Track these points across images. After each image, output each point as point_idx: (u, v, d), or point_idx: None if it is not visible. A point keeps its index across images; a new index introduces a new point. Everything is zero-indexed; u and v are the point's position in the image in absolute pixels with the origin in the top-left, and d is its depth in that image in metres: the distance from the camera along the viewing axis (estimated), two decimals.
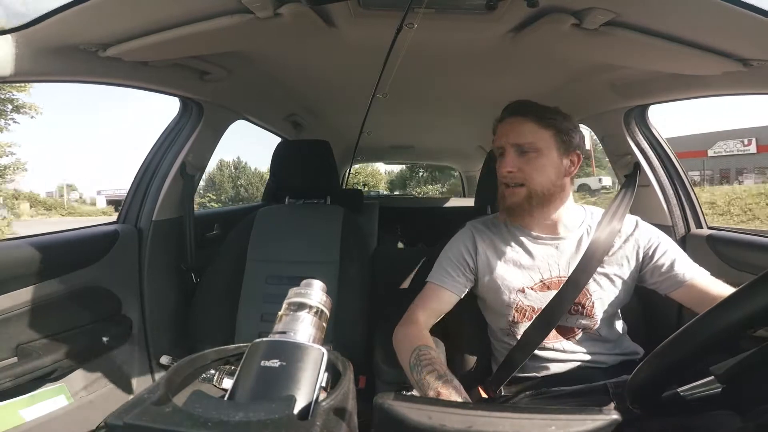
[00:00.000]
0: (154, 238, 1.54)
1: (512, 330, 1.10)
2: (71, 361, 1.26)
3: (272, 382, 0.39)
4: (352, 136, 2.84)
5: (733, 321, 0.44)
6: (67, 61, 1.08)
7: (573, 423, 0.37)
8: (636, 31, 1.02)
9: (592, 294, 1.06)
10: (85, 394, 1.31)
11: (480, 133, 3.05)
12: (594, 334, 1.08)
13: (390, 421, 0.39)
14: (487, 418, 0.38)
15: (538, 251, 1.10)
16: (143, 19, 1.02)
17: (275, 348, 0.42)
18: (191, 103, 1.65)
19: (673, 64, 1.17)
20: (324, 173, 1.69)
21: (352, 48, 1.39)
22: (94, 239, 1.39)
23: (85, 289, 1.34)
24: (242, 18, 1.03)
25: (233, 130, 1.99)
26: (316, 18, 1.11)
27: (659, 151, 1.62)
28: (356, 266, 1.52)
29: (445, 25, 1.17)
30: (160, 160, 1.63)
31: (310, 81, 1.87)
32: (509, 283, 1.09)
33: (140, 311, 1.50)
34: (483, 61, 1.51)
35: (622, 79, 1.45)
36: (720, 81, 1.18)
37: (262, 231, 1.60)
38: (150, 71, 1.29)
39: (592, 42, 1.10)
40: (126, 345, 1.46)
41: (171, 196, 1.61)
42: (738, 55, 1.03)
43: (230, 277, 1.51)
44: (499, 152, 1.09)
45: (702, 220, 1.54)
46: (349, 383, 0.43)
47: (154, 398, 0.38)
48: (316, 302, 0.47)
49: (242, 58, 1.51)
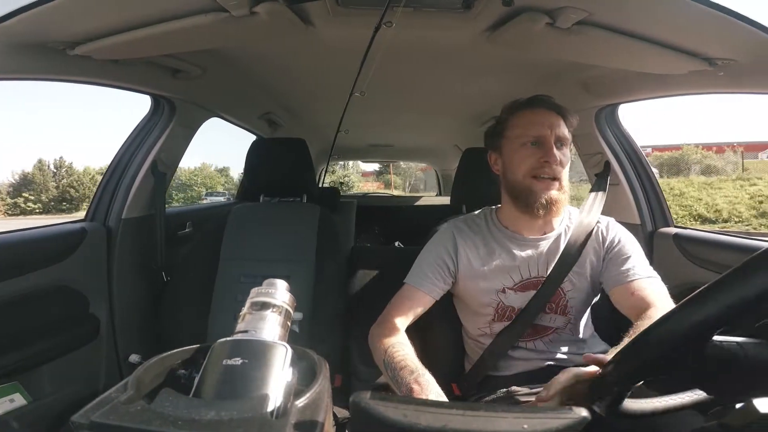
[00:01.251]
0: (123, 236, 1.51)
1: (490, 330, 1.11)
2: (34, 359, 1.22)
3: (235, 380, 0.39)
4: (330, 135, 2.83)
5: (692, 324, 0.45)
6: (33, 59, 1.05)
7: (544, 421, 0.38)
8: (607, 30, 1.05)
9: (566, 293, 1.08)
10: (49, 393, 1.27)
11: (456, 132, 3.09)
12: (566, 334, 1.10)
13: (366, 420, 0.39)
14: (462, 417, 0.38)
15: (519, 252, 1.09)
16: (114, 17, 0.99)
17: (237, 346, 0.41)
18: (163, 101, 1.62)
19: (642, 63, 1.20)
20: (300, 171, 1.68)
21: (329, 46, 1.39)
22: (60, 237, 1.35)
23: (51, 288, 1.30)
24: (217, 16, 1.01)
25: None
26: (293, 16, 1.10)
27: (628, 150, 1.66)
28: (333, 265, 1.51)
29: (423, 23, 1.18)
30: (130, 158, 1.59)
31: (287, 79, 1.86)
32: (490, 284, 1.08)
33: (108, 310, 1.47)
34: (460, 60, 1.52)
35: (593, 78, 1.49)
36: (687, 80, 1.21)
37: (237, 229, 1.58)
38: (120, 69, 1.26)
39: (565, 41, 1.12)
40: (93, 344, 1.42)
41: (141, 194, 1.58)
42: (704, 55, 1.06)
43: (202, 276, 1.48)
44: (533, 141, 1.03)
45: (669, 218, 1.58)
46: (324, 382, 0.43)
47: (123, 397, 0.37)
48: (279, 301, 0.47)
49: (217, 57, 1.49)
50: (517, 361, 1.09)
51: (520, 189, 1.05)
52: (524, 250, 1.09)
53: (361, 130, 3.08)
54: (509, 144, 1.08)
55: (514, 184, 1.07)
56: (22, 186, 26.39)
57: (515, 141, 1.06)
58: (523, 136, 1.04)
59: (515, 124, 1.07)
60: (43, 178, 26.89)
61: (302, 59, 1.56)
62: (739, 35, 0.92)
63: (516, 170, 1.06)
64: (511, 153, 1.07)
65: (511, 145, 1.08)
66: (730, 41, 0.97)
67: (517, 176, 1.05)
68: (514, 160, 1.06)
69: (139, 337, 1.57)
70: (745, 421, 0.41)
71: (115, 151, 1.60)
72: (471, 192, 1.57)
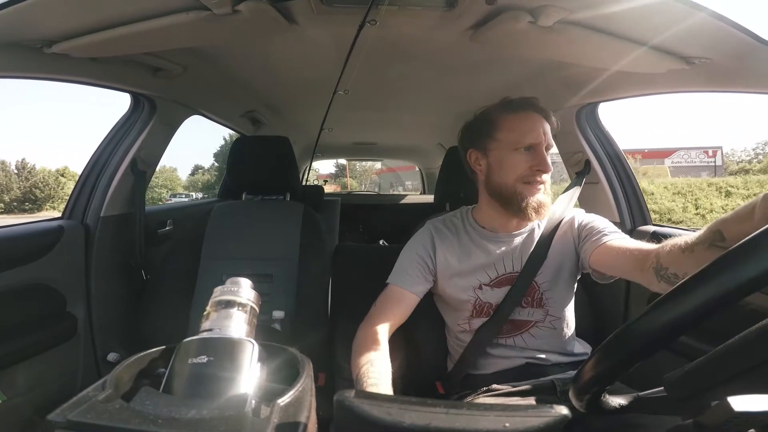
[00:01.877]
0: (101, 234, 1.49)
1: (469, 326, 1.12)
2: (10, 358, 1.20)
3: (202, 379, 0.39)
4: (313, 133, 2.81)
5: (670, 320, 0.46)
6: (9, 57, 1.03)
7: (525, 419, 0.38)
8: (588, 29, 1.06)
9: (540, 285, 1.09)
10: (24, 392, 1.25)
11: (440, 131, 3.10)
12: (547, 328, 1.11)
13: (350, 418, 0.39)
14: (445, 415, 0.39)
15: (494, 248, 1.11)
16: (92, 15, 0.97)
17: (203, 344, 0.41)
18: (143, 99, 1.59)
19: (621, 61, 1.22)
20: (283, 169, 1.67)
21: (313, 44, 1.38)
22: (37, 235, 1.33)
23: (27, 286, 1.28)
24: (198, 15, 1.00)
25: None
26: (276, 14, 1.09)
27: (608, 148, 1.69)
28: (316, 263, 1.51)
29: (407, 21, 1.18)
30: (109, 156, 1.57)
31: (270, 77, 1.85)
32: (467, 281, 1.10)
33: (86, 308, 1.45)
34: (443, 58, 1.53)
35: (574, 77, 1.51)
36: (665, 79, 1.23)
37: (218, 227, 1.56)
38: (99, 67, 1.24)
39: (546, 39, 1.13)
40: (70, 343, 1.40)
41: (120, 192, 1.56)
42: (681, 53, 1.09)
43: (183, 275, 1.47)
44: (527, 147, 1.03)
45: (647, 217, 1.61)
46: (307, 380, 0.43)
47: (101, 396, 0.36)
48: (244, 299, 0.46)
49: (199, 55, 1.47)
50: (497, 359, 1.10)
51: (508, 193, 1.05)
52: (499, 246, 1.11)
53: (345, 128, 3.07)
54: (499, 147, 1.07)
55: (501, 188, 1.06)
56: None
57: (507, 145, 1.05)
58: (518, 142, 1.03)
59: (508, 127, 1.06)
60: (7, 179, 26.92)
61: (285, 57, 1.55)
62: (715, 34, 0.94)
63: (506, 175, 1.05)
64: (502, 157, 1.06)
65: (502, 148, 1.06)
66: (706, 40, 0.99)
67: (506, 180, 1.05)
68: (505, 165, 1.05)
69: (118, 335, 1.55)
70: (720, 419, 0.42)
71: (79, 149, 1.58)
72: (454, 190, 1.58)
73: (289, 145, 1.66)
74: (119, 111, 1.66)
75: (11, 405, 1.19)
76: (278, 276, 1.48)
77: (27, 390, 1.26)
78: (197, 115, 1.99)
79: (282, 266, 1.49)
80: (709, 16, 0.87)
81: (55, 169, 27.00)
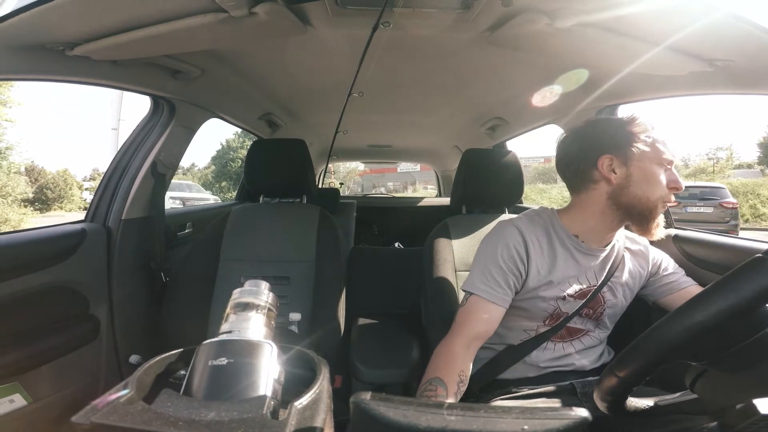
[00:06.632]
0: (123, 237, 1.51)
1: (536, 332, 1.10)
2: (34, 360, 1.22)
3: (221, 381, 0.39)
4: (329, 135, 2.82)
5: (691, 324, 0.45)
6: (31, 60, 1.04)
7: (544, 422, 0.38)
8: (606, 31, 1.05)
9: (606, 301, 1.09)
10: (49, 394, 1.26)
11: (456, 133, 3.08)
12: (593, 339, 1.11)
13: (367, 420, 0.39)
14: (462, 417, 0.38)
15: (583, 260, 1.07)
16: (112, 18, 0.99)
17: (222, 346, 0.41)
18: (163, 102, 1.62)
19: (641, 63, 1.20)
20: (300, 172, 1.68)
21: (327, 47, 1.39)
22: (61, 238, 1.35)
23: (51, 288, 1.29)
24: (216, 17, 1.01)
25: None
26: (292, 17, 1.10)
27: None
28: (333, 265, 1.51)
29: (421, 23, 1.17)
30: (130, 159, 1.59)
31: (286, 79, 1.86)
32: (553, 291, 1.05)
33: (109, 311, 1.47)
34: (459, 60, 1.52)
35: (593, 79, 1.49)
36: (686, 81, 1.21)
37: (237, 230, 1.58)
38: (120, 70, 1.26)
39: (564, 41, 1.12)
40: (93, 345, 1.42)
41: (141, 195, 1.58)
42: (703, 55, 1.07)
43: (203, 277, 1.49)
44: (668, 165, 0.99)
45: (669, 219, 1.57)
46: (324, 382, 0.43)
47: (123, 397, 0.37)
48: (263, 301, 0.47)
49: (216, 57, 1.49)
50: (529, 366, 1.10)
51: (646, 208, 0.98)
52: (588, 259, 1.07)
53: (360, 130, 3.07)
54: (645, 158, 0.98)
55: (640, 201, 0.98)
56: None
57: (655, 158, 0.98)
58: (667, 159, 0.99)
59: (657, 140, 0.99)
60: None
61: (301, 59, 1.56)
62: (737, 36, 0.92)
63: (651, 189, 0.97)
64: (649, 169, 0.98)
65: (649, 160, 0.98)
66: (729, 42, 0.97)
67: (649, 195, 0.98)
68: (651, 179, 0.98)
69: (139, 337, 1.56)
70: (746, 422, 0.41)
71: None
72: (471, 193, 1.57)
73: (305, 147, 1.67)
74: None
75: (36, 407, 1.21)
76: (295, 278, 1.49)
77: (51, 392, 1.27)
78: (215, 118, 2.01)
79: (299, 268, 1.50)
80: (729, 17, 0.86)
81: (55, 171, 27.30)
